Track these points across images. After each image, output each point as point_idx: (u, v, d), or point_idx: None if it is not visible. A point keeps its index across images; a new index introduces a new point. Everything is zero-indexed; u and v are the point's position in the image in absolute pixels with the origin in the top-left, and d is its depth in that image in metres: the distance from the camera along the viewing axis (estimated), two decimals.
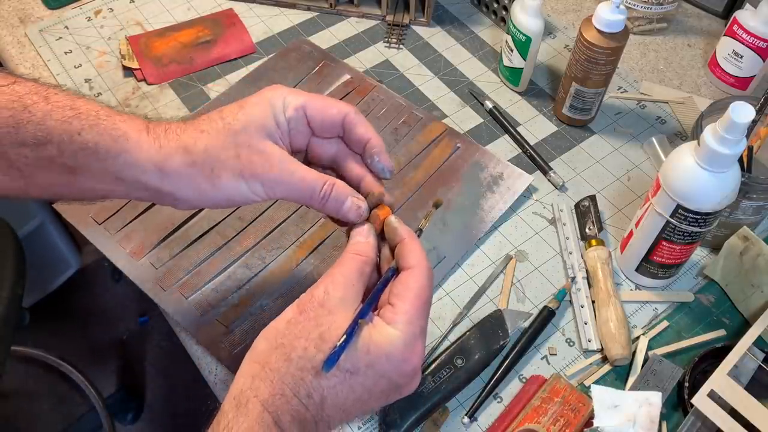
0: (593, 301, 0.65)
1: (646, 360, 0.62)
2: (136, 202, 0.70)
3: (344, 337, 0.43)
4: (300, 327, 0.44)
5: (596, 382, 0.61)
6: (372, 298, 0.46)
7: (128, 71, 0.84)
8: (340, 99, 0.79)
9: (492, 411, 0.60)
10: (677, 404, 0.60)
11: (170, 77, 0.83)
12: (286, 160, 0.49)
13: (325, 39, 0.89)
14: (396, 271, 0.48)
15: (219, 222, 0.69)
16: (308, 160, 0.53)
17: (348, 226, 0.52)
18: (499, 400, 0.60)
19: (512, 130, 0.79)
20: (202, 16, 0.90)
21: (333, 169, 0.54)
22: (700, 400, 0.56)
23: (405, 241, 0.48)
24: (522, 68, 0.80)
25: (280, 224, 0.69)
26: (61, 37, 0.87)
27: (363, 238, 0.49)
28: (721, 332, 0.64)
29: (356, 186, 0.52)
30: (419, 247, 0.48)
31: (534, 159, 0.77)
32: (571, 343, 0.64)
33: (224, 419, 0.42)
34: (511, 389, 0.61)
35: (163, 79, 0.83)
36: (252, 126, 0.48)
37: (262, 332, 0.45)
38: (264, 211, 0.70)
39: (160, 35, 0.87)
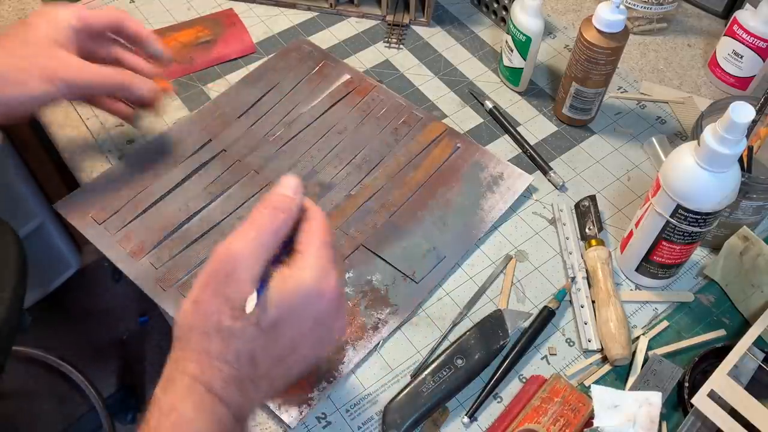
0: (593, 301, 0.65)
1: (646, 360, 0.62)
2: (137, 202, 0.70)
3: (255, 294, 0.43)
4: (207, 304, 0.43)
5: (596, 382, 0.61)
6: (276, 256, 0.46)
7: None
8: (341, 99, 0.80)
9: (492, 411, 0.60)
10: (677, 404, 0.60)
11: (170, 77, 0.83)
12: (82, 62, 0.61)
13: (325, 39, 0.89)
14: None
15: (219, 222, 0.69)
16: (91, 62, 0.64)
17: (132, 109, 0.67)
18: (499, 400, 0.60)
19: (512, 130, 0.79)
20: (202, 16, 0.90)
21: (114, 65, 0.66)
22: (700, 400, 0.56)
23: (306, 214, 0.48)
24: (522, 68, 0.80)
25: None
26: None
27: (291, 192, 0.47)
28: (721, 332, 0.64)
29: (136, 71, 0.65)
30: (308, 201, 0.48)
31: (534, 159, 0.77)
32: (571, 343, 0.64)
33: (155, 403, 0.42)
34: (511, 389, 0.61)
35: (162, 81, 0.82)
36: (46, 40, 0.59)
37: (175, 320, 0.45)
38: None
39: (160, 35, 0.86)
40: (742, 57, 0.81)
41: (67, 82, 0.59)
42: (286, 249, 0.46)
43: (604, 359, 0.62)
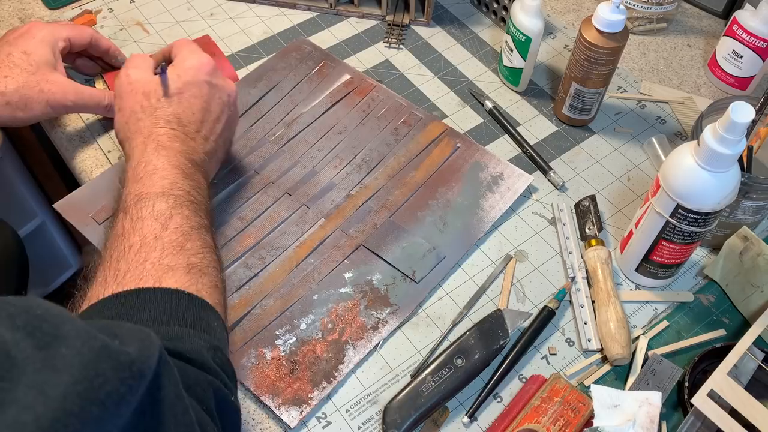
0: (593, 301, 0.65)
1: (646, 360, 0.62)
2: None
3: (160, 74, 0.62)
4: (127, 103, 0.62)
5: (596, 382, 0.61)
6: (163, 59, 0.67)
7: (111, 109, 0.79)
8: (341, 99, 0.80)
9: (492, 411, 0.60)
10: (677, 404, 0.60)
11: None
12: (75, 85, 0.69)
13: (325, 39, 0.89)
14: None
15: (219, 222, 0.69)
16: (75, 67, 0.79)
17: None
18: (499, 400, 0.60)
19: (512, 130, 0.79)
20: None
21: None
22: (699, 400, 0.56)
23: (170, 47, 0.67)
24: (522, 68, 0.80)
25: (280, 224, 0.69)
26: None
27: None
28: (721, 332, 0.64)
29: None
30: (169, 44, 0.68)
31: (534, 159, 0.77)
32: (571, 343, 0.64)
33: (125, 170, 0.58)
34: (511, 389, 0.61)
35: None
36: (42, 65, 0.68)
37: (116, 135, 0.63)
38: (264, 211, 0.70)
39: None
40: (741, 57, 0.81)
41: (65, 106, 0.69)
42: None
43: (604, 359, 0.62)
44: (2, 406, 0.28)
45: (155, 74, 0.63)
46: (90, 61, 0.79)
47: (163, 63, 0.63)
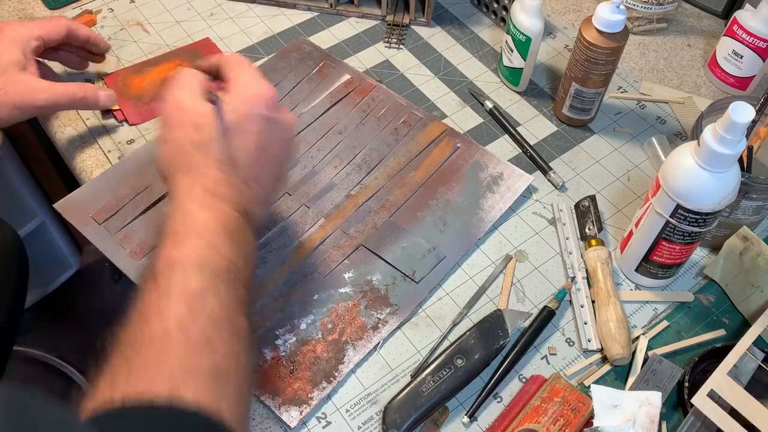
0: (593, 301, 0.65)
1: (646, 360, 0.62)
2: (137, 202, 0.70)
3: (215, 106, 0.53)
4: (175, 135, 0.53)
5: (596, 382, 0.61)
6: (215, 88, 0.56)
7: (108, 113, 0.79)
8: (341, 99, 0.80)
9: (492, 411, 0.60)
10: (677, 404, 0.60)
11: (153, 116, 0.79)
12: (47, 83, 0.67)
13: (325, 39, 0.89)
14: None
15: None
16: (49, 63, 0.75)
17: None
18: (499, 400, 0.60)
19: (512, 130, 0.79)
20: (179, 48, 0.86)
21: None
22: (699, 400, 0.56)
23: (221, 61, 0.58)
24: (522, 68, 0.80)
25: (279, 224, 0.69)
26: None
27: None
28: (721, 332, 0.64)
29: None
30: (221, 56, 0.58)
31: (534, 159, 0.77)
32: (571, 343, 0.64)
33: (167, 216, 0.50)
34: (511, 389, 0.61)
35: (145, 118, 0.78)
36: (10, 67, 0.65)
37: (157, 166, 0.54)
38: None
39: (137, 71, 0.83)
40: (742, 57, 0.81)
41: (36, 107, 0.67)
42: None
43: (604, 359, 0.62)
44: None
45: (209, 101, 0.54)
46: (72, 54, 0.78)
47: (216, 95, 0.54)
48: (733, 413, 0.56)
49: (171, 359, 0.42)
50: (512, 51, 0.80)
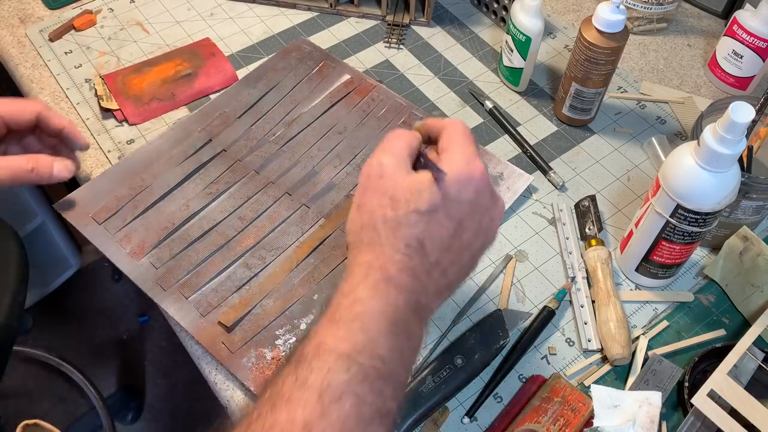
0: (593, 301, 0.65)
1: (646, 360, 0.62)
2: (137, 202, 0.70)
3: (434, 175, 0.46)
4: (369, 203, 0.48)
5: (596, 382, 0.61)
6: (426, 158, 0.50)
7: (107, 113, 0.79)
8: (341, 99, 0.80)
9: (492, 411, 0.60)
10: (677, 404, 0.60)
11: (153, 115, 0.79)
12: None
13: (325, 39, 0.89)
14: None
15: (219, 222, 0.69)
16: (9, 152, 0.66)
17: None
18: (499, 399, 0.60)
19: (512, 130, 0.79)
20: (179, 48, 0.86)
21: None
22: (699, 400, 0.56)
23: (439, 126, 0.51)
24: (522, 68, 0.80)
25: (280, 224, 0.69)
26: (61, 37, 0.87)
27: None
28: (721, 332, 0.64)
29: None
30: (442, 120, 0.51)
31: (534, 159, 0.77)
32: (571, 343, 0.64)
33: (338, 289, 0.45)
34: (511, 389, 0.61)
35: (145, 118, 0.78)
36: None
37: (346, 230, 0.50)
38: (264, 211, 0.70)
39: (137, 71, 0.83)
40: (742, 57, 0.81)
41: None
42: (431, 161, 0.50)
43: (604, 359, 0.62)
44: None
45: (424, 167, 0.48)
46: (43, 145, 0.67)
47: (436, 166, 0.47)
48: (733, 413, 0.56)
49: None
50: (512, 51, 0.80)
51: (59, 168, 0.63)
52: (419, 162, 0.49)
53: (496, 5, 0.90)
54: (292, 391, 0.40)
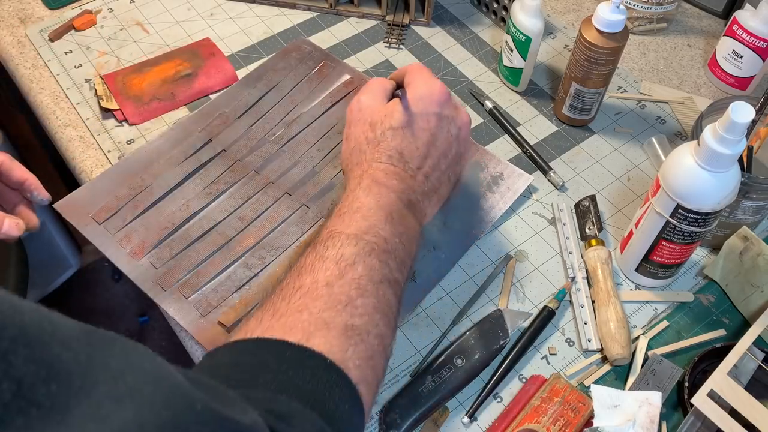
0: (593, 301, 0.65)
1: (646, 360, 0.62)
2: (137, 202, 0.70)
3: (401, 99, 0.58)
4: (354, 132, 0.60)
5: (596, 382, 0.61)
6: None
7: (107, 113, 0.79)
8: (341, 99, 0.80)
9: (492, 411, 0.60)
10: (677, 404, 0.60)
11: (153, 115, 0.79)
12: None
13: (325, 39, 0.89)
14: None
15: (219, 222, 0.69)
16: None
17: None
18: (499, 400, 0.60)
19: (512, 130, 0.79)
20: (179, 48, 0.86)
21: None
22: (699, 400, 0.56)
23: (404, 70, 0.63)
24: (522, 68, 0.80)
25: (280, 224, 0.69)
26: (61, 37, 0.87)
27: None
28: (721, 332, 0.64)
29: (13, 212, 0.63)
30: (404, 67, 0.63)
31: (534, 159, 0.77)
32: (571, 343, 0.64)
33: (341, 198, 0.55)
34: (511, 389, 0.61)
35: (145, 118, 0.78)
36: None
37: (341, 162, 0.62)
38: (264, 211, 0.70)
39: (137, 71, 0.83)
40: (742, 57, 0.81)
41: None
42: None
43: (604, 359, 0.62)
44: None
45: (394, 98, 0.60)
46: (4, 195, 0.64)
47: (402, 90, 0.59)
48: (733, 413, 0.56)
49: (311, 309, 0.46)
50: (512, 51, 0.80)
51: (9, 225, 0.59)
52: (399, 96, 0.59)
53: (496, 5, 0.90)
54: (313, 263, 0.49)
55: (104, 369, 0.28)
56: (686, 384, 0.59)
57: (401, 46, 0.88)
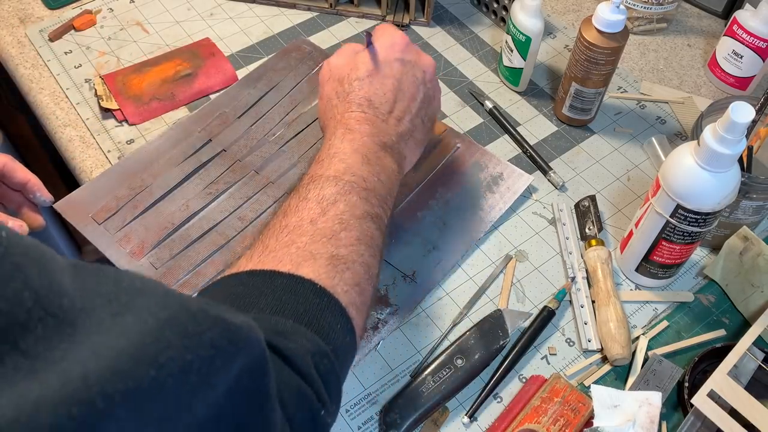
0: (593, 301, 0.65)
1: (646, 360, 0.62)
2: (137, 202, 0.70)
3: (368, 47, 0.62)
4: (326, 91, 0.63)
5: (596, 382, 0.61)
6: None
7: (107, 113, 0.79)
8: None
9: (492, 411, 0.60)
10: (677, 404, 0.60)
11: (153, 115, 0.79)
12: None
13: (325, 39, 0.89)
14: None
15: (219, 222, 0.69)
16: None
17: None
18: (499, 400, 0.60)
19: (512, 130, 0.79)
20: (179, 48, 0.86)
21: None
22: (699, 400, 0.56)
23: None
24: (522, 68, 0.80)
25: None
26: (61, 37, 0.87)
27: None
28: (721, 332, 0.64)
29: (17, 213, 0.64)
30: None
31: (534, 159, 0.77)
32: (571, 343, 0.64)
33: (320, 149, 0.59)
34: (511, 389, 0.61)
35: (145, 118, 0.78)
36: None
37: (319, 119, 0.65)
38: (264, 211, 0.70)
39: (137, 71, 0.83)
40: (742, 57, 0.81)
41: None
42: None
43: (604, 359, 0.62)
44: (56, 362, 0.27)
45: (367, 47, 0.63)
46: (6, 197, 0.65)
47: (370, 37, 0.63)
48: (733, 413, 0.56)
49: (298, 243, 0.49)
50: (512, 51, 0.80)
51: (12, 228, 0.57)
52: (367, 44, 0.62)
53: (496, 5, 0.90)
54: (297, 204, 0.52)
55: (97, 295, 0.30)
56: (686, 384, 0.59)
57: None
